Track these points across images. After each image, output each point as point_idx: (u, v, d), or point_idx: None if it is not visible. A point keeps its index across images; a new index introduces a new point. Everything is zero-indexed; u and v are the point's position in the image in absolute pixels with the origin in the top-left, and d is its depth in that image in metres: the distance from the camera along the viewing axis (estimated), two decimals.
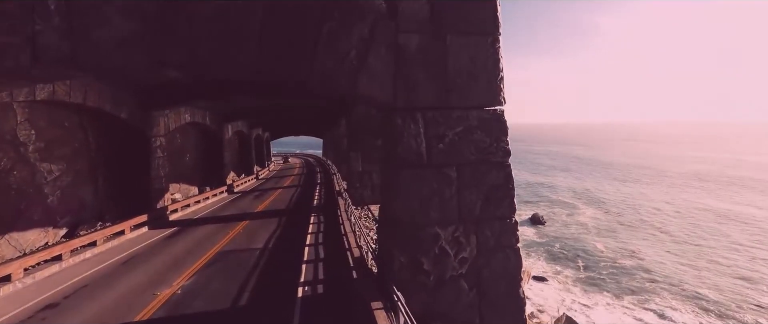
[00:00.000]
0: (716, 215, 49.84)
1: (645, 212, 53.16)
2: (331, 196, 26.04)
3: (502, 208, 7.85)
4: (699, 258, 34.93)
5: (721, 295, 25.20)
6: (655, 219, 49.78)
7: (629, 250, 38.43)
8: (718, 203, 54.61)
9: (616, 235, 44.31)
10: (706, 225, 46.06)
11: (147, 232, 17.33)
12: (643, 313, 22.96)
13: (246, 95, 19.93)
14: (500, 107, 8.11)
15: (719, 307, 23.38)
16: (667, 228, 45.96)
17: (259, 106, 32.11)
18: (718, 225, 45.80)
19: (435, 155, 7.59)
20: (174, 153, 26.49)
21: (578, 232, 48.81)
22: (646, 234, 44.38)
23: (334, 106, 20.48)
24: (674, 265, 33.92)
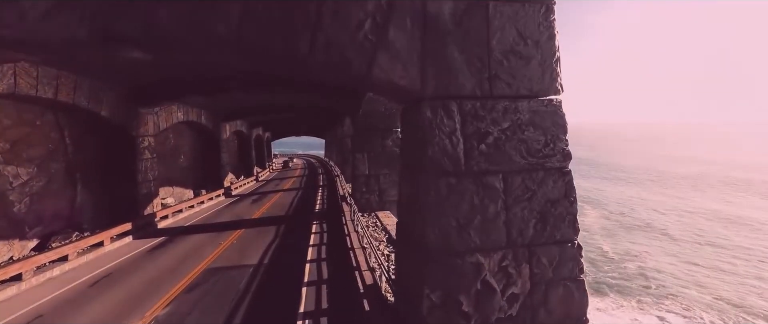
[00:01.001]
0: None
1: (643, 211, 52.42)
2: (334, 200, 24.24)
3: (562, 228, 6.01)
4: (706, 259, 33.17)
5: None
6: (652, 217, 48.33)
7: (633, 253, 36.34)
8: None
9: (621, 236, 42.10)
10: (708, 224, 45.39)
11: (130, 243, 15.56)
12: (650, 318, 21.26)
13: (240, 89, 18.11)
14: (557, 97, 6.27)
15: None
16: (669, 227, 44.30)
17: (259, 105, 30.38)
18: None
19: (476, 160, 5.75)
20: (166, 154, 24.76)
21: (584, 233, 47.62)
22: (651, 235, 42.51)
23: (338, 102, 18.66)
24: (681, 266, 32.32)
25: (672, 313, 21.49)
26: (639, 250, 36.84)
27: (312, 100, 25.44)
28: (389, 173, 19.27)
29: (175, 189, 25.64)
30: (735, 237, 39.70)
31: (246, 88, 18.41)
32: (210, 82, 17.76)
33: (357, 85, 6.27)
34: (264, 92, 19.22)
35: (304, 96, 21.34)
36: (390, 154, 19.31)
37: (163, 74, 16.07)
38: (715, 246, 37.71)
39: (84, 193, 16.15)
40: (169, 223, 19.36)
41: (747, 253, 33.86)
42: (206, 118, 28.27)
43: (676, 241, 40.72)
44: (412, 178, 6.27)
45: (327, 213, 19.80)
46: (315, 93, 18.53)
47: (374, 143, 19.18)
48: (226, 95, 19.33)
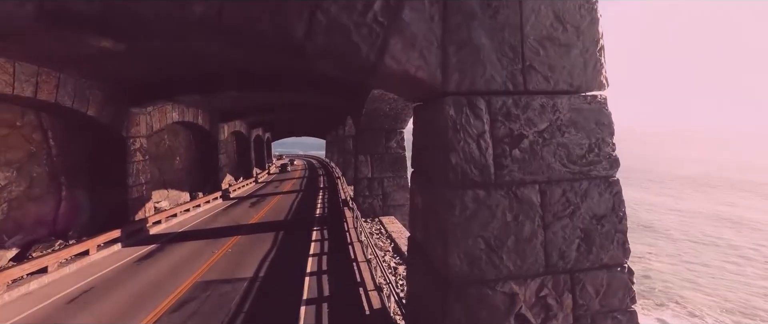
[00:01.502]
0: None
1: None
2: (335, 204, 23.27)
3: (610, 249, 5.01)
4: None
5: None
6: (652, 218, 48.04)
7: (637, 255, 35.20)
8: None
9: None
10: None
11: (118, 252, 14.60)
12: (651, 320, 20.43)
13: (235, 88, 17.14)
14: (601, 93, 5.28)
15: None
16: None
17: (257, 106, 29.42)
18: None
19: (508, 168, 4.76)
20: (161, 156, 23.83)
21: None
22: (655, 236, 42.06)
23: (339, 101, 17.69)
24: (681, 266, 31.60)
25: (678, 317, 20.63)
26: (642, 251, 36.19)
27: (312, 100, 24.47)
28: (393, 176, 18.28)
29: (170, 192, 24.70)
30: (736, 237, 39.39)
31: (241, 87, 17.46)
32: (204, 80, 16.81)
33: (364, 78, 5.29)
34: (261, 91, 18.24)
35: (304, 95, 20.37)
36: (394, 157, 18.33)
37: (154, 71, 15.11)
38: (718, 246, 37.13)
39: (70, 199, 15.19)
40: (162, 229, 18.40)
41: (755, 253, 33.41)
42: (203, 118, 27.33)
43: (676, 241, 40.09)
44: (430, 189, 5.28)
45: (328, 218, 18.82)
46: (315, 92, 17.57)
47: (378, 145, 18.19)
48: (222, 94, 18.37)
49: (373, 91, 12.90)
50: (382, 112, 16.02)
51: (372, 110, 15.77)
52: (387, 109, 15.69)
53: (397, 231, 14.88)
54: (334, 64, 4.96)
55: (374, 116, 16.56)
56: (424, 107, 5.60)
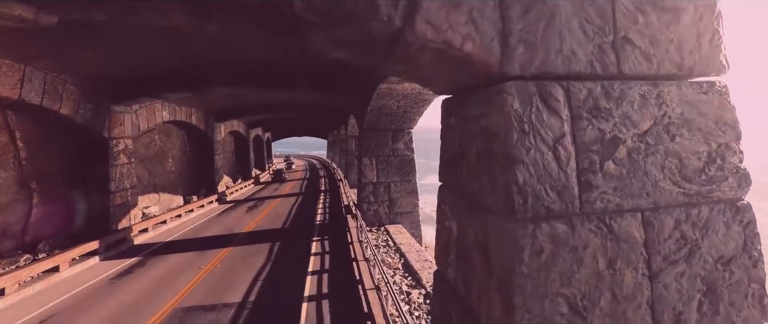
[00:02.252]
0: None
1: None
2: (336, 209, 21.73)
3: (743, 308, 3.44)
4: None
5: None
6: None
7: None
8: None
9: None
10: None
11: (95, 266, 13.08)
12: None
13: (227, 83, 15.64)
14: (720, 79, 3.70)
15: None
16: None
17: (254, 104, 27.89)
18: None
19: (599, 189, 3.19)
20: (151, 158, 22.32)
21: None
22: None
23: (341, 97, 16.14)
24: None
25: None
26: None
27: (312, 98, 22.93)
28: (401, 181, 16.71)
29: (161, 196, 23.19)
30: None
31: (233, 83, 15.94)
32: (192, 75, 15.28)
33: (380, 59, 3.75)
34: (256, 88, 16.72)
35: (303, 93, 18.82)
36: (402, 160, 16.76)
37: (135, 65, 13.56)
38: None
39: (42, 207, 13.68)
40: (149, 238, 16.87)
41: None
42: (197, 117, 25.82)
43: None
44: (477, 217, 3.69)
45: (329, 226, 17.26)
46: (315, 89, 16.04)
47: (383, 146, 16.62)
48: (213, 91, 16.84)
49: (380, 86, 11.34)
50: (389, 110, 14.45)
51: (378, 108, 14.21)
52: (395, 107, 14.12)
53: (406, 244, 13.31)
54: (340, 36, 3.38)
55: (380, 115, 14.99)
56: (466, 99, 4.02)
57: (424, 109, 14.66)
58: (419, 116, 15.50)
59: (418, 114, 15.19)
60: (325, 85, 15.94)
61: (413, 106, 14.13)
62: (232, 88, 16.93)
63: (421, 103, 13.78)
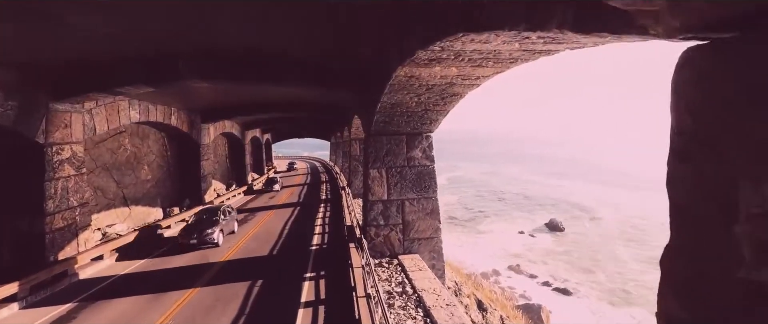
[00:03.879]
0: None
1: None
2: (337, 227, 18.24)
3: None
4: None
5: None
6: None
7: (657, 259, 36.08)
8: None
9: (642, 242, 42.43)
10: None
11: (9, 317, 9.67)
12: None
13: (196, 75, 12.22)
14: None
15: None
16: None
17: (243, 102, 24.50)
18: None
19: None
20: (120, 166, 18.96)
21: (600, 239, 44.47)
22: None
23: (344, 91, 12.63)
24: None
25: None
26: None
27: (310, 95, 19.47)
28: (418, 199, 13.17)
29: (133, 210, 19.83)
30: None
31: (206, 74, 12.52)
32: (150, 65, 11.85)
33: None
34: (235, 81, 13.28)
35: (295, 87, 15.36)
36: (420, 171, 13.22)
37: (69, 50, 10.15)
38: None
39: None
40: (101, 270, 13.45)
41: None
42: (179, 118, 22.42)
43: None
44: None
45: (327, 256, 13.77)
46: (313, 83, 12.60)
47: (396, 155, 13.10)
48: (183, 85, 13.42)
49: (396, 74, 7.82)
50: (406, 108, 10.92)
51: (391, 106, 10.68)
52: (413, 104, 10.59)
53: (430, 290, 9.76)
54: None
55: (393, 114, 11.46)
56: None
57: (451, 108, 11.13)
58: (443, 117, 11.96)
59: (442, 113, 11.65)
60: (321, 77, 12.46)
61: (438, 103, 10.59)
62: (206, 82, 13.50)
63: (448, 99, 10.25)
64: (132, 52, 11.00)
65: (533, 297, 29.80)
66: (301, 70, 12.33)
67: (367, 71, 11.05)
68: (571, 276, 34.84)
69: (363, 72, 11.26)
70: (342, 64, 11.62)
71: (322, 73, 12.34)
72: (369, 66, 10.70)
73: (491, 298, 23.41)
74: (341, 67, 12.07)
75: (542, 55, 6.25)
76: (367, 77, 11.40)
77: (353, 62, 11.16)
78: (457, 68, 7.49)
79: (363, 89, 11.82)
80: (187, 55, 11.65)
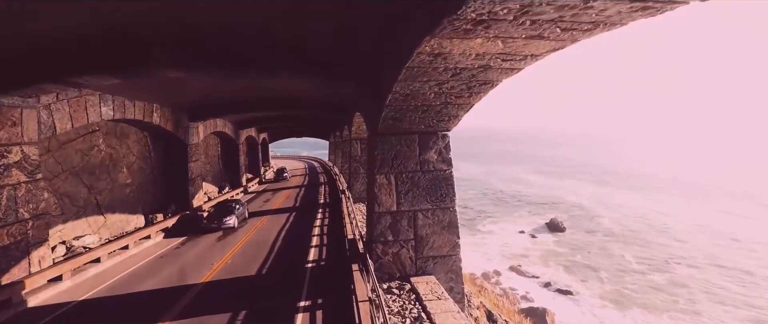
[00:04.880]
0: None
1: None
2: (337, 238, 16.18)
3: None
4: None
5: None
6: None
7: (660, 260, 36.37)
8: None
9: (644, 243, 42.17)
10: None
11: None
12: None
13: (173, 65, 10.13)
14: None
15: None
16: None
17: (235, 99, 22.42)
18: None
19: None
20: (92, 169, 16.85)
21: (602, 239, 44.02)
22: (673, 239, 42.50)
23: (347, 84, 10.52)
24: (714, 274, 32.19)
25: None
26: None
27: (305, 88, 17.42)
28: (433, 209, 11.11)
29: (109, 218, 17.72)
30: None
31: (183, 62, 10.42)
32: (114, 50, 9.75)
33: None
34: (219, 69, 11.19)
35: (292, 79, 13.30)
36: (435, 177, 11.15)
37: (9, 31, 8.07)
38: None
39: None
40: (57, 293, 11.36)
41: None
42: (162, 115, 20.33)
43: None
44: None
45: (326, 276, 11.72)
46: (307, 72, 10.53)
47: (408, 158, 11.03)
48: (155, 75, 11.33)
49: (418, 53, 5.76)
50: (422, 99, 8.84)
51: (404, 97, 8.60)
52: (432, 95, 8.51)
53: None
54: None
55: (405, 108, 9.38)
56: None
57: (477, 101, 9.07)
58: (465, 112, 9.89)
59: (464, 108, 9.58)
60: (320, 66, 10.38)
61: (462, 94, 8.50)
62: (183, 71, 11.42)
63: (477, 88, 8.18)
64: (92, 33, 8.93)
65: (536, 299, 29.50)
66: (298, 61, 10.25)
67: (375, 56, 8.98)
68: (573, 277, 34.60)
69: (369, 57, 9.18)
70: (343, 49, 9.54)
71: (320, 62, 10.27)
72: (377, 50, 8.63)
73: (496, 303, 22.08)
74: (343, 54, 10.00)
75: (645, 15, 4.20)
76: (374, 64, 9.33)
77: (355, 45, 9.08)
78: (504, 42, 5.44)
79: (369, 79, 9.75)
80: (160, 40, 9.58)
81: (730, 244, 41.44)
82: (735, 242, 42.00)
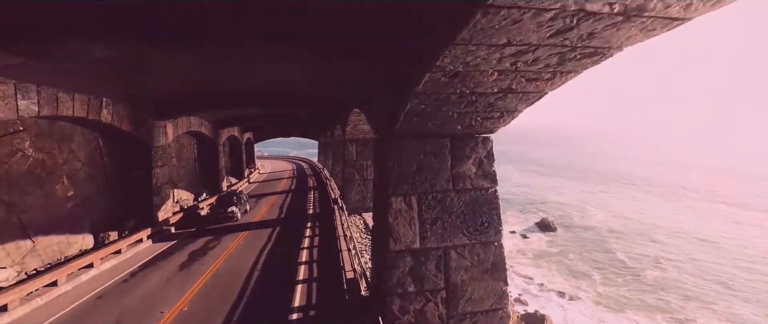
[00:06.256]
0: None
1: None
2: (330, 265, 12.75)
3: None
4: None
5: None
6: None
7: (652, 258, 36.07)
8: None
9: (635, 241, 42.10)
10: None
11: None
12: None
13: (91, 35, 6.62)
14: None
15: None
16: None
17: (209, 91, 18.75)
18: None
19: None
20: (16, 180, 13.09)
21: (593, 238, 43.61)
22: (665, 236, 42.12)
23: (359, 63, 7.00)
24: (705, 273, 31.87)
25: None
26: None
27: (293, 73, 13.94)
28: (471, 244, 7.79)
29: (39, 242, 13.96)
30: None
31: (109, 32, 6.93)
32: None
33: None
34: (177, 45, 7.66)
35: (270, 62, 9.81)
36: (475, 199, 7.83)
37: None
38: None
39: None
40: None
41: None
42: (116, 112, 16.59)
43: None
44: None
45: None
46: (304, 46, 7.12)
47: (436, 170, 7.68)
48: (62, 50, 7.79)
49: (476, 23, 2.43)
50: (474, 82, 5.45)
51: (449, 79, 5.20)
52: (494, 74, 5.12)
53: None
54: None
55: (446, 98, 6.01)
56: None
57: (562, 82, 5.76)
58: (528, 104, 6.59)
59: (534, 96, 6.25)
60: (317, 39, 6.94)
61: (548, 69, 5.16)
62: (113, 47, 7.89)
63: (578, 60, 4.86)
64: None
65: (530, 301, 28.78)
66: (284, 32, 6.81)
67: (403, 14, 5.56)
68: (566, 278, 33.94)
69: (394, 17, 5.76)
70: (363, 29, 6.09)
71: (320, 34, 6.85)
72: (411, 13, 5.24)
73: None
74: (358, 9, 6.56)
75: None
76: (401, 27, 5.91)
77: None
78: None
79: (389, 51, 6.33)
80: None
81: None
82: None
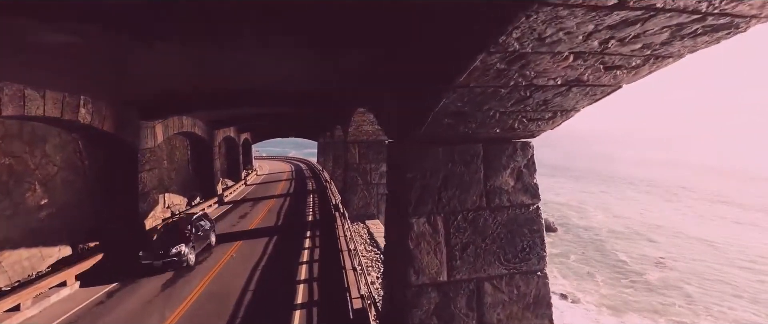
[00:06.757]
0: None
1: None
2: (333, 289, 11.26)
3: None
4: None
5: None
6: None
7: (654, 259, 35.83)
8: None
9: (636, 242, 41.78)
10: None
11: None
12: None
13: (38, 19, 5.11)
14: None
15: None
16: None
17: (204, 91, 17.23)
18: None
19: None
20: None
21: (594, 239, 43.26)
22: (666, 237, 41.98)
23: (363, 35, 5.48)
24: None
25: None
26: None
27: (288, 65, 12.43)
28: (511, 274, 6.30)
29: (6, 257, 12.44)
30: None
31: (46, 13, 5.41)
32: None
33: None
34: (157, 38, 6.17)
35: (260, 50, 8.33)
36: (513, 219, 6.35)
37: None
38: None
39: None
40: None
41: None
42: (96, 111, 15.03)
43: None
44: None
45: None
46: (305, 36, 5.66)
47: (466, 184, 6.21)
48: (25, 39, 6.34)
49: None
50: (536, 71, 3.94)
51: (507, 65, 3.69)
52: (568, 59, 3.61)
53: None
54: None
55: (493, 92, 4.50)
56: None
57: (644, 74, 4.29)
58: (590, 102, 5.12)
59: (603, 92, 4.79)
60: (320, 24, 5.46)
61: (653, 47, 3.72)
62: (62, 30, 6.40)
63: (707, 33, 3.38)
64: None
65: None
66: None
67: None
68: (569, 279, 33.28)
69: None
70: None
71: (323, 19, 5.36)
72: None
73: None
74: None
75: None
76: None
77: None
78: None
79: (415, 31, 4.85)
80: None
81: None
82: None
